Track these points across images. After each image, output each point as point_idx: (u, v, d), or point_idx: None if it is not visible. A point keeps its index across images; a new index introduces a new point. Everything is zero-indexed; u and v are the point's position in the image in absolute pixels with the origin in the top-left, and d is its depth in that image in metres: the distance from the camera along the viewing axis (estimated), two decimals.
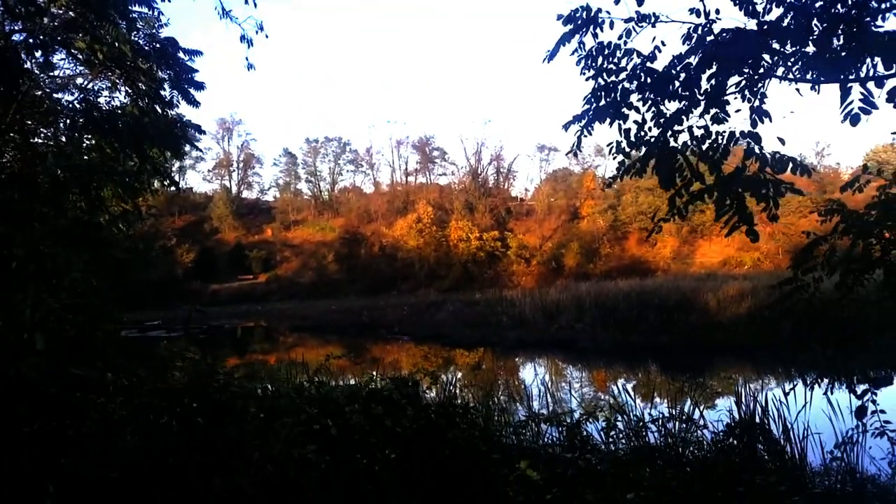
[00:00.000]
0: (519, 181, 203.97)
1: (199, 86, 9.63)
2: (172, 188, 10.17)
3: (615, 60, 4.70)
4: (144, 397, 4.47)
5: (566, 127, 4.83)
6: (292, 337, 35.37)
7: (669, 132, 4.69)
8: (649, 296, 24.94)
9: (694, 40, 4.54)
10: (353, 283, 66.13)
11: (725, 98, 4.52)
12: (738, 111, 4.56)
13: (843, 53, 4.01)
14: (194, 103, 9.69)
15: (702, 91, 4.54)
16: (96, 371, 4.81)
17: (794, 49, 4.26)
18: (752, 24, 4.43)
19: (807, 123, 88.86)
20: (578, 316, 25.41)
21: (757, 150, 4.39)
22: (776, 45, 4.29)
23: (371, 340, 30.65)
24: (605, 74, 4.74)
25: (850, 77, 3.96)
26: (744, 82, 4.46)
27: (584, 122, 4.79)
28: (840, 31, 4.00)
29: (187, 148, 10.44)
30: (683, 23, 4.59)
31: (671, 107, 4.69)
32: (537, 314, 26.94)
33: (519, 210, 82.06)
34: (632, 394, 7.18)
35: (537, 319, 26.60)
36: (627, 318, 23.77)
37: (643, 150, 4.76)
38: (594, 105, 4.75)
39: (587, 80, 4.80)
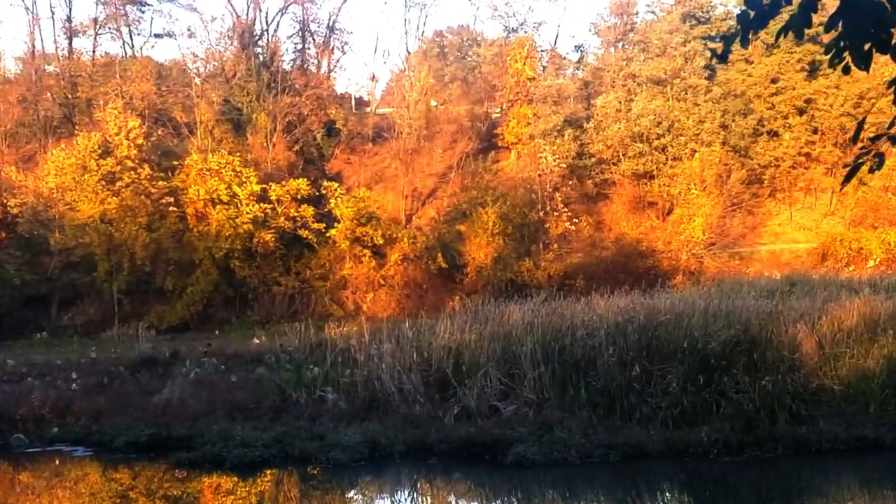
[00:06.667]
0: (357, 59, 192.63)
1: None
2: None
3: None
4: None
5: None
6: None
7: None
8: (667, 332, 25.13)
9: None
10: None
11: None
12: None
13: None
14: None
15: None
16: None
17: None
18: None
19: None
20: (508, 383, 25.27)
21: None
22: None
23: None
24: None
25: None
26: None
27: None
28: None
29: None
30: None
31: None
32: (410, 380, 26.43)
33: (359, 129, 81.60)
34: None
35: (410, 393, 26.24)
36: (618, 384, 23.91)
37: None
38: None
39: None
